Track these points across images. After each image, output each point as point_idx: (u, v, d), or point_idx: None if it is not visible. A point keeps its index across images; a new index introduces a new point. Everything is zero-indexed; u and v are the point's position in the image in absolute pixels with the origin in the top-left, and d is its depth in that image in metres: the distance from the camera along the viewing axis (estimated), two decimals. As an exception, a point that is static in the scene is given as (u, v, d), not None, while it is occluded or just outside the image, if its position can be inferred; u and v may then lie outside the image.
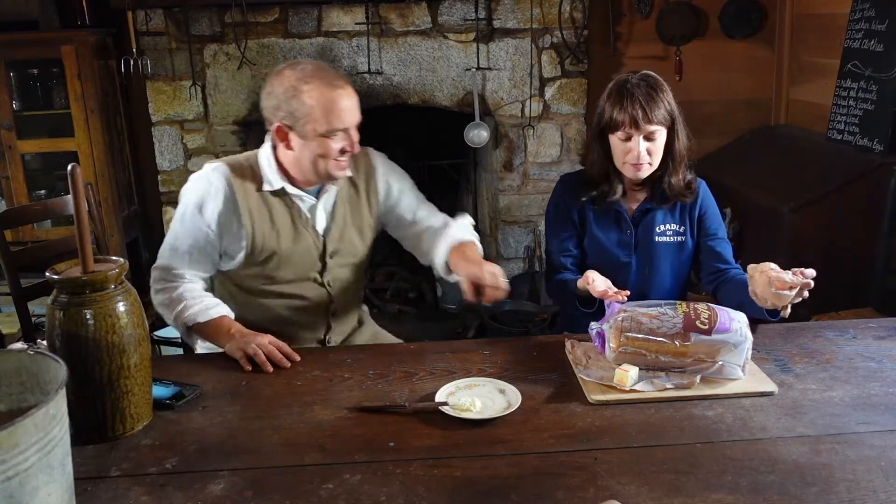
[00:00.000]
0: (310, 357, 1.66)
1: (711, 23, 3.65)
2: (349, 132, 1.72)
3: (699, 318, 1.49)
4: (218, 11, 3.35)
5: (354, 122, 1.72)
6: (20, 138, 3.27)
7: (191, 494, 1.15)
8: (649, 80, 1.85)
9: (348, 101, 1.70)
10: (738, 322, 1.50)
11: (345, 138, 1.71)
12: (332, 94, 1.67)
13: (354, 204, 1.89)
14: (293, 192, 1.79)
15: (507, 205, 3.71)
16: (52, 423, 0.97)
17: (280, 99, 1.68)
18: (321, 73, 1.69)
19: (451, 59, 3.48)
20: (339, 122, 1.68)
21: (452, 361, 1.60)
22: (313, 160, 1.72)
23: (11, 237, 2.96)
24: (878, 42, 2.88)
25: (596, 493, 1.13)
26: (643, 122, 1.79)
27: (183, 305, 1.72)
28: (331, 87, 1.67)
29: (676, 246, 1.95)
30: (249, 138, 3.59)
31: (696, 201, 1.95)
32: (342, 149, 1.72)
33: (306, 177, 1.78)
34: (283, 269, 1.82)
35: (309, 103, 1.66)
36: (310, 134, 1.68)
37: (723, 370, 1.47)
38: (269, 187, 1.78)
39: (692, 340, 1.47)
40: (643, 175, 1.87)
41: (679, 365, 1.49)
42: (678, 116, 1.87)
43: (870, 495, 1.12)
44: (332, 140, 1.69)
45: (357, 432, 1.33)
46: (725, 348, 1.46)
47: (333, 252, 1.86)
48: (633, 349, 1.49)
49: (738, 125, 3.73)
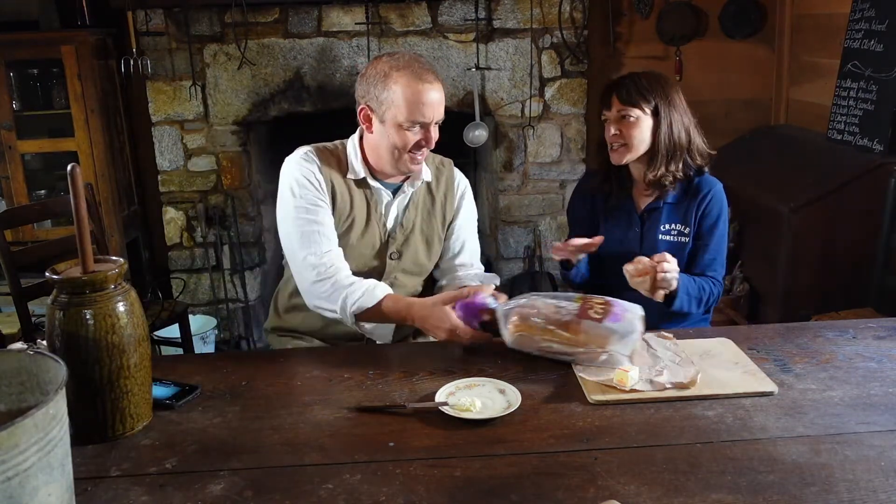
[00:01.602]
0: (310, 357, 1.66)
1: (711, 23, 3.65)
2: (428, 128, 1.73)
3: (593, 308, 1.55)
4: (218, 11, 3.35)
5: (435, 119, 1.74)
6: (20, 138, 3.27)
7: (191, 494, 1.15)
8: (643, 72, 1.94)
9: (433, 96, 1.71)
10: (632, 314, 1.54)
11: (422, 133, 1.73)
12: (418, 85, 1.68)
13: (428, 212, 1.90)
14: (374, 184, 1.82)
15: (507, 205, 3.71)
16: (52, 423, 0.97)
17: (370, 82, 1.72)
18: (414, 64, 1.71)
19: (451, 59, 3.48)
20: (419, 114, 1.70)
21: (452, 361, 1.60)
22: (390, 149, 1.74)
23: (11, 237, 2.96)
24: (878, 42, 2.88)
25: (596, 493, 1.13)
26: (613, 104, 1.90)
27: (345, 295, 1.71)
28: (419, 79, 1.69)
29: (679, 246, 1.96)
30: (249, 138, 3.60)
31: (701, 203, 1.96)
32: (418, 142, 1.73)
33: (383, 167, 1.80)
34: (348, 257, 1.82)
35: (395, 90, 1.68)
36: (390, 121, 1.71)
37: (612, 359, 1.51)
38: (352, 175, 1.81)
39: (583, 328, 1.51)
40: (620, 160, 1.93)
41: (570, 353, 1.53)
42: (670, 110, 1.89)
43: (870, 495, 1.12)
44: (410, 132, 1.71)
45: (357, 432, 1.33)
46: (614, 338, 1.50)
47: (394, 253, 1.86)
48: (528, 334, 1.54)
49: (738, 125, 3.73)
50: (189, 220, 3.62)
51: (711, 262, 1.96)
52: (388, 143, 1.74)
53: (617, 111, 1.90)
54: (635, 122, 1.88)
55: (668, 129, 1.90)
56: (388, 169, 1.80)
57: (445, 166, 1.96)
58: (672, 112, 1.90)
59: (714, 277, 1.95)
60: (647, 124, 1.89)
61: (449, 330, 1.62)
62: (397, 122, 1.70)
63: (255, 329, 3.75)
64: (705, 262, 1.96)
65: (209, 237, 3.61)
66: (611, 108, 1.91)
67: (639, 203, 2.01)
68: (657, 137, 1.90)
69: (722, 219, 1.97)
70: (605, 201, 2.05)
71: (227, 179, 3.58)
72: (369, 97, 1.73)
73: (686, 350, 1.60)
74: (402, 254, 1.87)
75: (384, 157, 1.77)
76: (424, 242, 1.90)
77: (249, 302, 3.72)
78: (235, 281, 3.69)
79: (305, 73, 3.45)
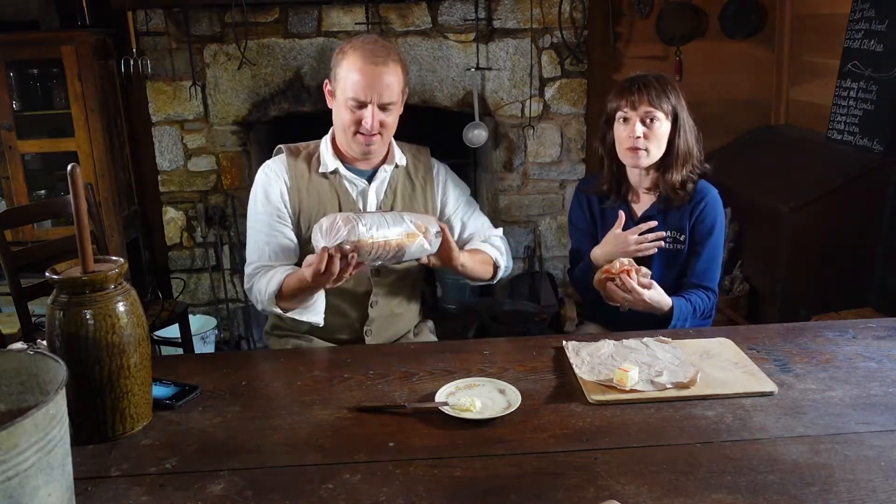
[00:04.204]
0: (310, 357, 1.66)
1: (711, 23, 3.65)
2: (369, 109, 1.73)
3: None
4: (218, 11, 3.35)
5: (376, 101, 1.73)
6: (20, 138, 3.27)
7: (191, 494, 1.15)
8: (657, 74, 1.91)
9: (375, 76, 1.71)
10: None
11: (362, 115, 1.73)
12: (362, 64, 1.71)
13: (409, 197, 1.91)
14: (345, 173, 1.84)
15: (507, 205, 3.71)
16: (52, 424, 0.97)
17: (334, 60, 1.78)
18: (372, 44, 1.74)
19: (451, 59, 3.48)
20: (355, 92, 1.71)
21: (452, 361, 1.60)
22: (341, 126, 1.79)
23: (11, 237, 2.96)
24: (878, 42, 2.88)
25: (596, 493, 1.13)
26: (640, 103, 1.84)
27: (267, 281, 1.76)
28: (366, 58, 1.71)
29: (675, 253, 1.95)
30: (249, 138, 3.60)
31: (695, 209, 1.94)
32: (357, 121, 1.74)
33: (346, 149, 1.83)
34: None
35: (344, 66, 1.73)
36: (339, 97, 1.76)
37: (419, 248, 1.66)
38: (323, 169, 1.84)
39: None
40: (641, 163, 1.89)
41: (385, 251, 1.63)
42: (684, 117, 1.88)
43: (869, 495, 1.12)
44: (353, 111, 1.73)
45: (357, 432, 1.33)
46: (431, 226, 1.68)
47: None
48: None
49: (738, 125, 3.73)
50: (189, 220, 3.62)
51: (705, 272, 1.93)
52: (338, 120, 1.79)
53: (645, 111, 1.84)
54: (659, 125, 1.85)
55: (685, 134, 1.88)
56: (348, 150, 1.83)
57: (422, 153, 1.99)
58: (686, 118, 1.89)
59: (708, 288, 1.93)
60: (666, 128, 1.87)
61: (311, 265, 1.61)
62: (344, 99, 1.74)
63: (255, 329, 3.75)
64: (699, 272, 1.93)
65: (209, 237, 3.61)
66: (636, 108, 1.85)
67: (635, 210, 1.99)
68: (674, 143, 1.88)
69: (717, 227, 1.94)
70: (601, 209, 2.02)
71: (227, 179, 3.58)
72: (331, 74, 1.78)
73: (686, 350, 1.60)
74: None
75: (339, 136, 1.82)
76: None
77: (249, 302, 3.71)
78: (235, 281, 3.69)
79: (305, 73, 3.45)
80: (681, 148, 1.88)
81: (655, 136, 1.86)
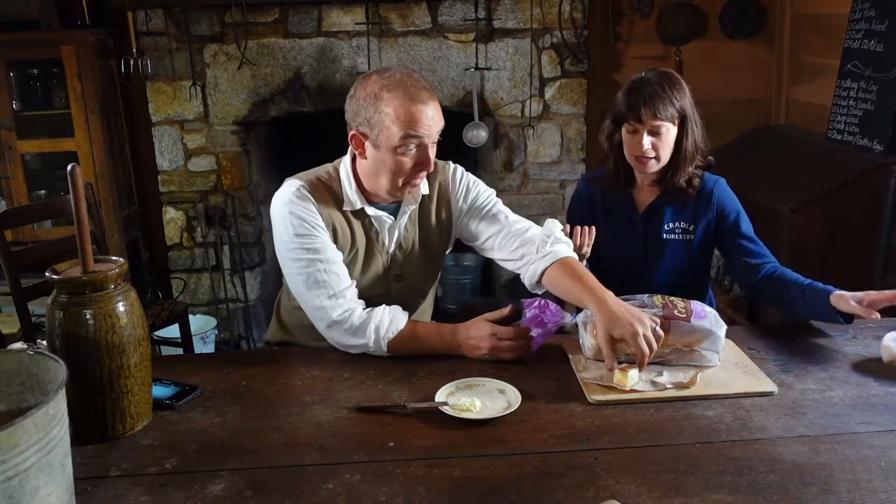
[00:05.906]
0: (310, 357, 1.66)
1: (711, 23, 3.65)
2: (426, 149, 1.61)
3: (676, 307, 1.55)
4: (218, 11, 3.35)
5: (430, 136, 1.60)
6: (20, 138, 3.27)
7: (191, 494, 1.15)
8: (663, 76, 1.88)
9: (428, 115, 1.58)
10: (713, 312, 1.57)
11: (418, 154, 1.60)
12: (411, 105, 1.55)
13: (427, 227, 1.79)
14: (372, 213, 1.70)
15: (507, 205, 3.68)
16: (52, 423, 0.97)
17: (360, 104, 1.59)
18: (407, 81, 1.58)
19: (451, 59, 3.48)
20: (414, 136, 1.57)
21: (452, 361, 1.60)
22: (388, 176, 1.62)
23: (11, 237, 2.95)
24: (878, 42, 2.88)
25: (596, 493, 1.13)
26: (647, 118, 1.83)
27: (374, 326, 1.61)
28: (412, 98, 1.56)
29: (684, 244, 1.96)
30: (249, 138, 3.60)
31: (709, 201, 1.95)
32: (415, 165, 1.61)
33: (379, 192, 1.68)
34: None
35: (386, 111, 1.55)
36: (384, 145, 1.58)
37: (701, 357, 1.52)
38: (349, 207, 1.69)
39: (672, 327, 1.50)
40: (649, 170, 1.90)
41: (657, 354, 1.48)
42: (691, 115, 1.88)
43: (869, 495, 1.12)
44: (406, 156, 1.59)
45: (357, 432, 1.33)
46: (703, 334, 1.51)
47: (398, 275, 1.77)
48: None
49: (738, 125, 3.73)
50: (189, 220, 3.62)
51: (760, 252, 1.91)
52: (384, 170, 1.61)
53: (652, 126, 1.83)
54: (667, 132, 1.85)
55: (692, 134, 1.88)
56: (385, 195, 1.68)
57: (439, 171, 1.82)
58: (694, 115, 1.89)
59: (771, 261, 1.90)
60: (674, 133, 1.87)
61: (489, 336, 1.58)
62: (392, 146, 1.57)
63: (255, 329, 3.75)
64: (757, 254, 1.91)
65: (209, 237, 3.61)
66: (643, 122, 1.83)
67: (640, 203, 2.00)
68: (682, 144, 1.88)
69: (740, 211, 1.96)
70: (604, 203, 2.03)
71: (227, 179, 3.58)
72: (360, 121, 1.59)
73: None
74: (403, 275, 1.78)
75: (381, 184, 1.64)
76: (424, 256, 1.80)
77: (249, 302, 3.72)
78: (235, 281, 3.69)
79: (305, 73, 3.45)
80: (688, 149, 1.89)
81: (664, 144, 1.86)
